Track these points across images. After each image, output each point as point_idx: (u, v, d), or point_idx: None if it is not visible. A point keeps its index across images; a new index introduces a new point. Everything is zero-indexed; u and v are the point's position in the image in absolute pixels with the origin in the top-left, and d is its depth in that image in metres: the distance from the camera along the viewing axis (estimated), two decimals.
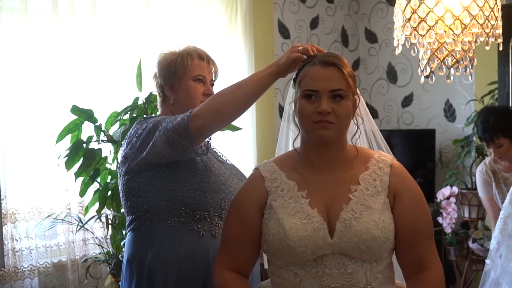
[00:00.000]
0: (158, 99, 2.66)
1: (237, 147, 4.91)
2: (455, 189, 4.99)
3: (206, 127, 2.27)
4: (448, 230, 4.95)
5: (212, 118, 2.26)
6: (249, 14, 5.12)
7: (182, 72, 2.53)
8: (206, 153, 2.47)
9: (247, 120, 5.00)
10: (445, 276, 2.15)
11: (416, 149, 5.84)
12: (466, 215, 5.10)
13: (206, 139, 2.46)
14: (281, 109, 5.53)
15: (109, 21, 4.29)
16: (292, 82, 2.20)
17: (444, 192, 5.06)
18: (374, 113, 6.37)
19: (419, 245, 2.09)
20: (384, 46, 6.31)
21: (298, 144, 2.18)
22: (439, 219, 4.96)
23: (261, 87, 2.27)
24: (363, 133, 2.33)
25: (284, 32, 5.70)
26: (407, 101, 6.18)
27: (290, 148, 2.26)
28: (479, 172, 4.22)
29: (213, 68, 2.64)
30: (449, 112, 5.86)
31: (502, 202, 3.98)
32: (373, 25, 6.39)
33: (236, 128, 3.81)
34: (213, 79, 2.64)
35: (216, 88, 2.64)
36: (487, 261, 3.83)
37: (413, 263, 2.09)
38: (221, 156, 2.72)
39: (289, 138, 2.34)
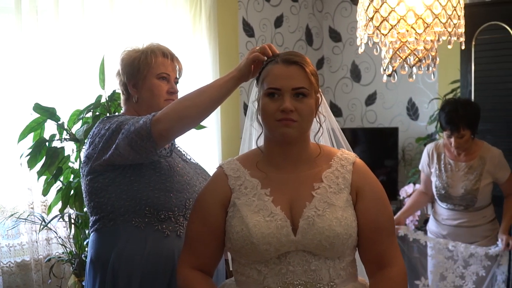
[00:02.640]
0: (122, 97, 2.64)
1: (201, 146, 4.89)
2: (418, 187, 5.04)
3: (168, 131, 2.25)
4: (411, 227, 4.99)
5: (175, 123, 2.25)
6: (213, 12, 5.11)
7: (145, 70, 2.52)
8: (170, 155, 2.45)
9: (212, 118, 4.98)
10: (409, 272, 2.17)
11: (379, 147, 5.88)
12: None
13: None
14: (246, 108, 5.53)
15: (72, 18, 4.24)
16: (255, 80, 2.21)
17: (407, 190, 5.11)
18: (338, 112, 6.41)
19: (381, 242, 2.11)
20: (348, 45, 6.35)
21: (261, 142, 2.19)
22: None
23: (225, 92, 2.27)
24: (326, 131, 2.35)
25: (248, 30, 5.70)
26: (371, 99, 6.23)
27: (254, 146, 2.26)
28: (426, 150, 4.34)
29: (177, 66, 2.62)
30: (412, 111, 5.92)
31: (438, 186, 4.17)
32: (337, 24, 6.42)
33: (200, 127, 3.81)
34: (177, 77, 2.63)
35: (180, 86, 2.64)
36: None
37: (375, 260, 2.12)
38: (186, 155, 2.71)
39: (253, 136, 2.35)
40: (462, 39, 2.88)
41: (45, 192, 3.73)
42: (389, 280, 2.09)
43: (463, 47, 3.01)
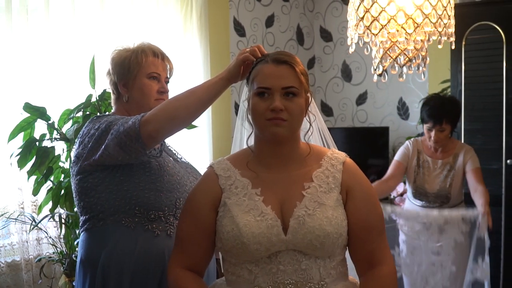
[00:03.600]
0: (112, 96, 2.63)
1: (193, 145, 4.90)
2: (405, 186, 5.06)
3: (157, 132, 2.24)
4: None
5: (164, 123, 2.24)
6: (204, 12, 5.11)
7: (136, 69, 2.50)
8: (160, 155, 2.44)
9: (203, 118, 4.98)
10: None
11: (370, 147, 5.90)
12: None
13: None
14: (237, 107, 5.53)
15: (63, 17, 4.24)
16: (246, 80, 2.21)
17: (397, 189, 5.12)
18: (329, 111, 6.42)
19: (371, 241, 2.11)
20: (339, 45, 6.36)
21: (252, 142, 2.19)
22: (393, 216, 5.01)
23: (214, 93, 2.26)
24: (316, 130, 2.35)
25: (239, 30, 5.70)
26: (362, 99, 6.25)
27: (245, 146, 2.26)
28: (407, 142, 4.40)
29: (168, 65, 2.61)
30: (403, 110, 5.94)
31: (413, 181, 4.23)
32: (328, 24, 6.43)
33: (191, 126, 3.80)
34: (168, 76, 2.61)
35: (171, 86, 2.63)
36: None
37: (366, 259, 2.12)
38: (177, 154, 2.71)
39: (244, 136, 2.35)
40: (452, 39, 2.89)
41: (35, 192, 3.72)
42: (379, 279, 2.09)
43: (453, 47, 3.03)
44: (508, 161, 4.51)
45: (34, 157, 3.61)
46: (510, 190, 4.53)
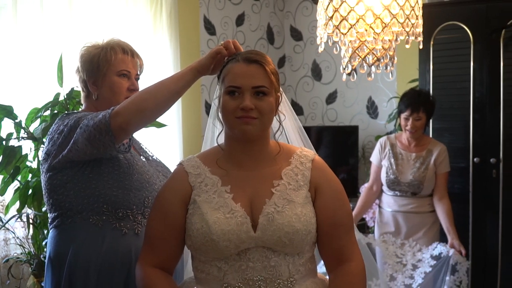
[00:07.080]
0: (82, 94, 2.60)
1: (163, 144, 4.88)
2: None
3: (128, 125, 2.24)
4: (371, 224, 5.03)
5: (134, 115, 2.23)
6: (174, 10, 5.09)
7: (105, 67, 2.49)
8: (128, 150, 2.43)
9: (173, 116, 4.98)
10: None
11: (340, 145, 5.94)
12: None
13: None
14: (207, 106, 5.53)
15: (31, 15, 4.19)
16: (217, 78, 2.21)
17: (367, 187, 5.14)
18: (299, 110, 6.44)
19: (339, 237, 2.13)
20: (309, 44, 6.39)
21: (222, 140, 2.19)
22: (366, 217, 5.05)
23: (183, 84, 2.27)
24: (293, 129, 2.37)
25: (210, 28, 5.69)
26: (331, 98, 6.28)
27: (215, 144, 2.26)
28: (379, 142, 4.57)
29: (138, 62, 2.59)
30: (372, 109, 5.98)
31: (389, 172, 4.37)
32: (298, 23, 6.45)
33: (160, 125, 3.79)
34: (138, 73, 2.60)
35: (141, 84, 2.62)
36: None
37: (335, 255, 2.14)
38: (148, 152, 2.70)
39: (215, 134, 2.35)
40: (420, 38, 2.91)
41: (2, 191, 3.68)
42: (348, 275, 2.11)
43: (421, 47, 3.05)
44: (475, 159, 4.56)
45: (1, 156, 3.56)
46: (477, 188, 4.59)
